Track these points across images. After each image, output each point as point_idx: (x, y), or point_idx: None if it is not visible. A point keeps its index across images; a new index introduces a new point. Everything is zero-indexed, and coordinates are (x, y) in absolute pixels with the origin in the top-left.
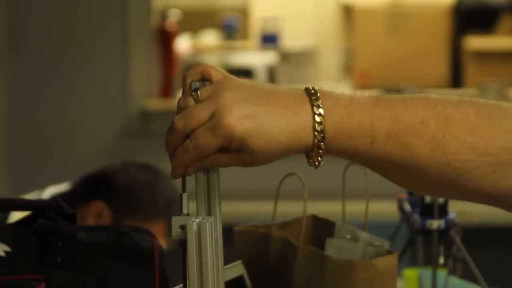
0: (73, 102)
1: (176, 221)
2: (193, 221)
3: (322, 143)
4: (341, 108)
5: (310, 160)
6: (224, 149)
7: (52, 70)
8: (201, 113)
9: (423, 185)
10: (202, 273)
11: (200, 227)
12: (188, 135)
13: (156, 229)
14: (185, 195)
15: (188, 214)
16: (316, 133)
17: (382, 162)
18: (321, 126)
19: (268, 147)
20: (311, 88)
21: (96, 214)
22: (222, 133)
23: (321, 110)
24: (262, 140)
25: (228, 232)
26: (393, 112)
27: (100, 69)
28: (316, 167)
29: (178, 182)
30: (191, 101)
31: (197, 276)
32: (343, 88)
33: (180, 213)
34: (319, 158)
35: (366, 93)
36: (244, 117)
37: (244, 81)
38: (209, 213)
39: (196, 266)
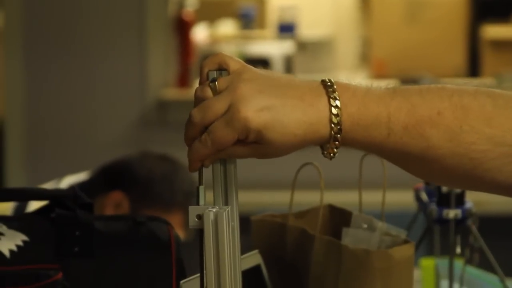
0: (90, 92)
1: (193, 211)
2: (210, 210)
3: (338, 135)
4: (357, 100)
5: (325, 152)
6: (241, 141)
7: (70, 60)
8: (218, 106)
9: (440, 176)
10: (219, 262)
11: (217, 216)
12: (206, 127)
13: (174, 220)
14: (201, 188)
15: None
16: (332, 125)
17: (399, 153)
18: (337, 118)
19: (284, 139)
20: (327, 80)
21: (114, 204)
22: (239, 126)
23: (337, 102)
24: (278, 133)
25: (245, 221)
26: (409, 104)
27: (117, 59)
28: (331, 158)
29: (195, 173)
30: (208, 92)
31: (214, 266)
32: (360, 78)
33: (196, 204)
34: (335, 150)
35: (383, 84)
36: (260, 109)
37: (261, 72)
38: (226, 202)
39: (213, 255)
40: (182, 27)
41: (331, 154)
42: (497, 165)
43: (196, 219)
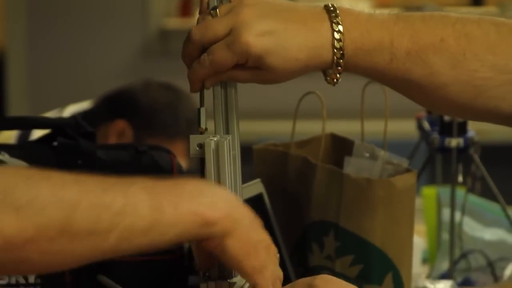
0: (92, 22)
1: (194, 140)
2: (211, 139)
3: (341, 60)
4: (360, 25)
5: (328, 78)
6: (241, 66)
7: None
8: (218, 27)
9: (442, 104)
10: None
11: (218, 145)
12: (205, 48)
13: (177, 148)
14: (202, 110)
15: (206, 129)
16: (335, 50)
17: (401, 79)
18: (340, 43)
19: (286, 65)
20: (330, 5)
21: (118, 133)
22: (239, 50)
23: (340, 27)
24: (279, 58)
25: (247, 151)
26: (412, 30)
27: None
28: (334, 84)
29: (198, 100)
30: (209, 19)
31: None
32: (363, 6)
33: (198, 128)
34: (338, 76)
35: (386, 11)
36: (262, 34)
37: None
38: (227, 131)
39: (215, 183)
40: None
41: (334, 80)
42: (500, 92)
43: (197, 148)
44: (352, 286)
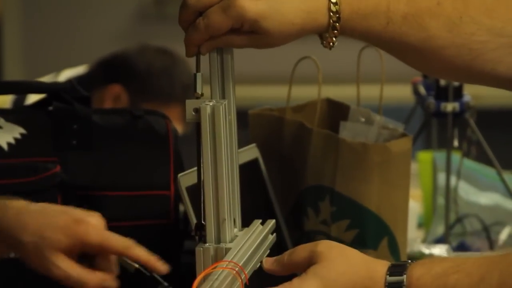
0: None
1: (190, 104)
2: (207, 104)
3: (337, 24)
4: None
5: (324, 42)
6: (237, 30)
7: None
8: None
9: (439, 68)
10: (216, 156)
11: (214, 109)
12: (201, 12)
13: (173, 113)
14: (199, 75)
15: (202, 95)
16: (331, 14)
17: (398, 43)
18: (336, 6)
19: (281, 29)
20: None
21: (113, 97)
22: (235, 14)
23: None
24: (275, 22)
25: (243, 116)
26: None
27: None
28: (330, 48)
29: (194, 66)
30: None
31: (211, 159)
32: None
33: (194, 93)
34: (334, 39)
35: None
36: None
37: None
38: (223, 96)
39: (210, 149)
40: None
41: (330, 44)
42: (497, 56)
43: (193, 113)
44: (353, 250)
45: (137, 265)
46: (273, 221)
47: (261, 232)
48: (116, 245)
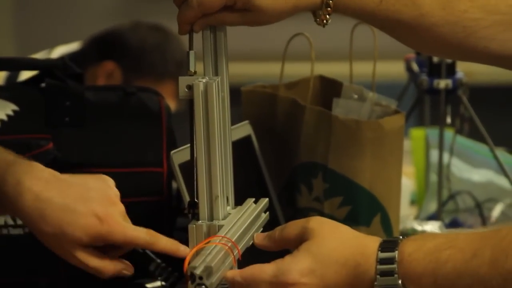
0: None
1: (183, 81)
2: (200, 81)
3: (330, 1)
4: None
5: (318, 19)
6: (230, 8)
7: None
8: None
9: (432, 45)
10: (209, 132)
11: (207, 86)
12: None
13: (166, 90)
14: (192, 53)
15: (195, 72)
16: None
17: (391, 21)
18: None
19: (275, 6)
20: None
21: (106, 74)
22: None
23: None
24: None
25: (236, 93)
26: None
27: None
28: (324, 25)
29: (187, 43)
30: None
31: (203, 136)
32: None
33: (187, 70)
34: (327, 16)
35: None
36: None
37: None
38: (216, 73)
39: (203, 125)
40: None
41: (324, 21)
42: (490, 33)
43: (186, 90)
44: (345, 226)
45: None
46: (266, 199)
47: (254, 210)
48: (140, 243)
